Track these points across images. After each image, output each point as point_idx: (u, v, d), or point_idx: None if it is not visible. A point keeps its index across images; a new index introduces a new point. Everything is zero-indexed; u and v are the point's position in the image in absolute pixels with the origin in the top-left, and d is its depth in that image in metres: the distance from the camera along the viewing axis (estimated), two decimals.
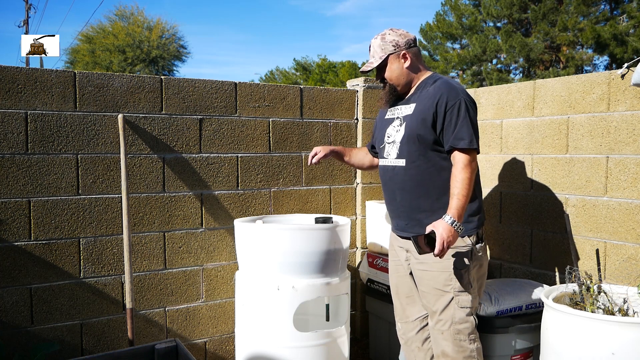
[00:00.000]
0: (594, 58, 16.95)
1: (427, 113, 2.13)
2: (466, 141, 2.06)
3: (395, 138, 2.26)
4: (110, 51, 23.22)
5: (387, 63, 2.23)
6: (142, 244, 2.70)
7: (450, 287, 2.13)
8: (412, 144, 2.17)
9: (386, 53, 2.22)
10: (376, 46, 2.25)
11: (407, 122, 2.20)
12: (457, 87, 2.16)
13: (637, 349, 1.88)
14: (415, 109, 2.19)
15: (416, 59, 2.26)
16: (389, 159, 2.29)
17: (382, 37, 2.25)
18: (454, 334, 2.14)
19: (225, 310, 2.95)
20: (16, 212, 2.41)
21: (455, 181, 2.05)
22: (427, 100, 2.15)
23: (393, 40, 2.23)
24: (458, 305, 2.13)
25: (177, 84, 2.76)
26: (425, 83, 2.24)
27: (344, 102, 3.30)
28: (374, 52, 2.26)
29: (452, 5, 20.27)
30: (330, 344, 2.55)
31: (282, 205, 3.11)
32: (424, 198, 2.18)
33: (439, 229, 1.97)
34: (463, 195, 2.02)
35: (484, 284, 2.31)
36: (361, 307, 3.41)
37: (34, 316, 2.47)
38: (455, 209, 2.01)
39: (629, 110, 2.48)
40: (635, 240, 2.47)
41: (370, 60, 2.29)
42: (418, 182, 2.17)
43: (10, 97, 2.38)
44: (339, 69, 27.94)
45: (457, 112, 2.08)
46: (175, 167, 2.76)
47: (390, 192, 2.31)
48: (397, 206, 2.28)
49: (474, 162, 2.08)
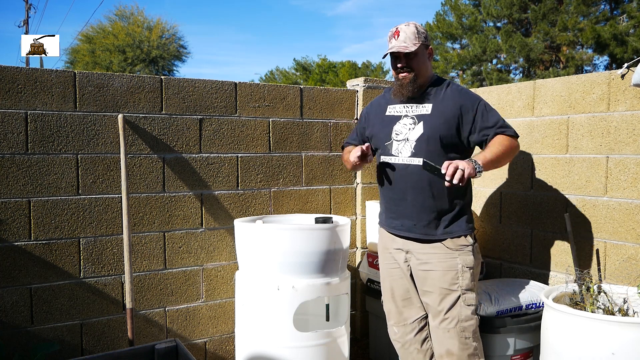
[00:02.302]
0: (594, 58, 16.96)
1: (450, 116, 2.17)
2: (512, 130, 2.19)
3: (408, 136, 2.23)
4: (110, 51, 23.22)
5: (420, 52, 2.22)
6: (142, 244, 2.70)
7: (457, 285, 2.16)
8: (432, 144, 2.17)
9: (420, 42, 2.21)
10: (410, 33, 2.20)
11: (426, 122, 2.20)
12: (472, 92, 2.28)
13: (637, 349, 1.88)
14: (435, 110, 2.21)
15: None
16: (400, 156, 2.25)
17: (415, 25, 2.23)
18: (460, 331, 2.16)
19: (225, 310, 2.95)
20: (16, 212, 2.41)
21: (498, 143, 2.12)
22: (448, 102, 2.20)
23: (424, 32, 2.26)
24: (465, 304, 2.16)
25: (177, 84, 2.76)
26: (436, 84, 2.28)
27: (344, 102, 3.30)
28: (406, 37, 2.19)
29: (452, 5, 20.27)
30: (330, 344, 2.55)
31: (282, 205, 3.11)
32: (438, 198, 2.18)
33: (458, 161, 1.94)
34: (494, 153, 2.08)
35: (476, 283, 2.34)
36: (361, 307, 3.41)
37: (34, 316, 2.47)
38: (485, 158, 2.05)
39: (629, 110, 2.48)
40: (635, 240, 2.47)
41: (402, 44, 2.20)
42: (433, 182, 2.16)
43: (10, 97, 2.38)
44: (339, 69, 27.95)
45: (486, 110, 2.19)
46: (175, 167, 2.76)
47: (399, 191, 2.27)
48: (407, 206, 2.25)
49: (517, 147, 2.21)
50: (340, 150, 3.28)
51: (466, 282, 2.16)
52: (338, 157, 3.29)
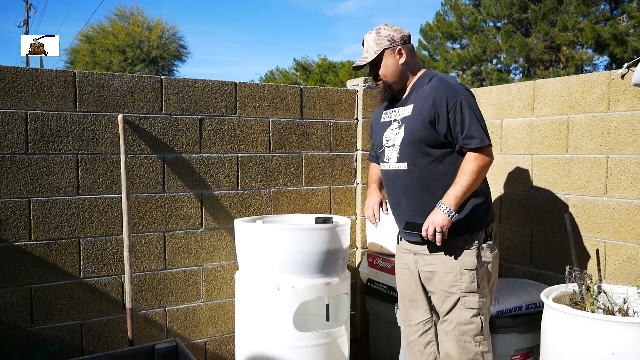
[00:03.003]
0: (594, 58, 16.96)
1: (426, 115, 2.06)
2: (477, 140, 2.01)
3: (394, 141, 2.19)
4: (110, 51, 23.22)
5: (382, 58, 2.15)
6: (142, 244, 2.70)
7: (456, 287, 2.10)
8: (412, 147, 2.11)
9: (381, 48, 2.14)
10: (370, 41, 2.16)
11: (407, 125, 2.14)
12: (454, 84, 2.09)
13: (637, 349, 1.88)
14: (414, 111, 2.13)
15: (411, 56, 2.20)
16: (390, 163, 2.22)
17: (377, 31, 2.17)
18: (458, 335, 2.10)
19: (225, 310, 2.95)
20: (16, 212, 2.41)
21: (460, 171, 2.03)
22: (425, 100, 2.09)
23: (388, 35, 2.16)
24: (464, 307, 2.09)
25: (177, 84, 2.76)
26: (420, 82, 2.17)
27: (344, 102, 3.30)
28: (367, 47, 2.18)
29: (452, 5, 20.27)
30: (330, 344, 2.55)
31: (282, 205, 3.11)
32: (430, 201, 2.10)
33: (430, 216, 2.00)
34: (462, 186, 1.99)
35: (495, 283, 2.25)
36: (361, 307, 3.41)
37: (34, 316, 2.47)
38: (452, 196, 1.99)
39: (629, 110, 2.48)
40: (635, 240, 2.47)
41: (364, 55, 2.20)
42: (422, 185, 2.12)
43: (10, 97, 2.38)
44: (339, 69, 27.94)
45: (461, 111, 2.02)
46: (175, 167, 2.76)
47: (394, 197, 2.25)
48: (403, 210, 2.22)
49: (486, 157, 2.03)
50: (340, 150, 3.28)
51: (465, 285, 2.09)
52: (338, 157, 3.29)
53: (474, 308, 2.10)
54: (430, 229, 2.00)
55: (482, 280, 2.12)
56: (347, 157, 3.33)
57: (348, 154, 3.33)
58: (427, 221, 2.02)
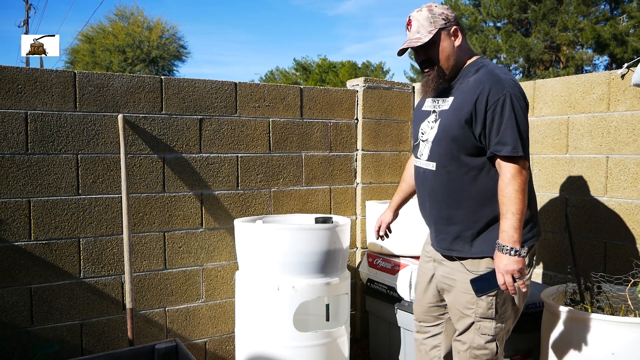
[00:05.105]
0: (594, 58, 16.95)
1: (464, 110, 1.80)
2: (509, 147, 1.73)
3: (428, 136, 1.94)
4: (110, 51, 23.23)
5: (438, 40, 1.86)
6: (142, 244, 2.70)
7: (471, 311, 1.90)
8: (444, 146, 1.86)
9: (436, 27, 1.85)
10: (422, 19, 1.86)
11: (442, 120, 1.89)
12: (502, 78, 1.79)
13: (637, 349, 1.88)
14: (452, 104, 1.86)
15: (464, 39, 1.91)
16: (421, 160, 1.99)
17: (428, 8, 1.88)
18: (470, 357, 1.94)
19: (225, 310, 2.95)
20: (16, 212, 2.41)
21: (502, 197, 1.73)
22: (466, 94, 1.82)
23: (442, 12, 1.87)
24: (479, 332, 1.90)
25: (177, 84, 2.76)
26: (467, 71, 1.89)
27: (344, 102, 3.30)
28: (418, 26, 1.87)
29: (452, 5, 20.25)
30: (330, 344, 2.55)
31: (282, 205, 3.11)
32: (455, 209, 1.88)
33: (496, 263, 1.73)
34: (513, 213, 1.70)
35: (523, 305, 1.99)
36: (361, 307, 3.41)
37: (34, 316, 2.47)
38: (506, 231, 1.70)
39: (629, 110, 2.48)
40: (635, 240, 2.47)
41: (414, 36, 1.88)
42: (449, 190, 1.88)
43: (10, 97, 2.38)
44: (339, 69, 27.94)
45: (501, 111, 1.74)
46: (175, 167, 2.76)
47: (420, 198, 2.06)
48: (427, 214, 2.03)
49: (523, 171, 1.74)
50: (340, 150, 3.29)
51: (481, 310, 1.87)
52: (338, 157, 3.29)
53: (489, 334, 1.90)
54: (509, 280, 1.70)
55: (502, 304, 1.90)
56: (347, 157, 3.33)
57: (348, 154, 3.33)
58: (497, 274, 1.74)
